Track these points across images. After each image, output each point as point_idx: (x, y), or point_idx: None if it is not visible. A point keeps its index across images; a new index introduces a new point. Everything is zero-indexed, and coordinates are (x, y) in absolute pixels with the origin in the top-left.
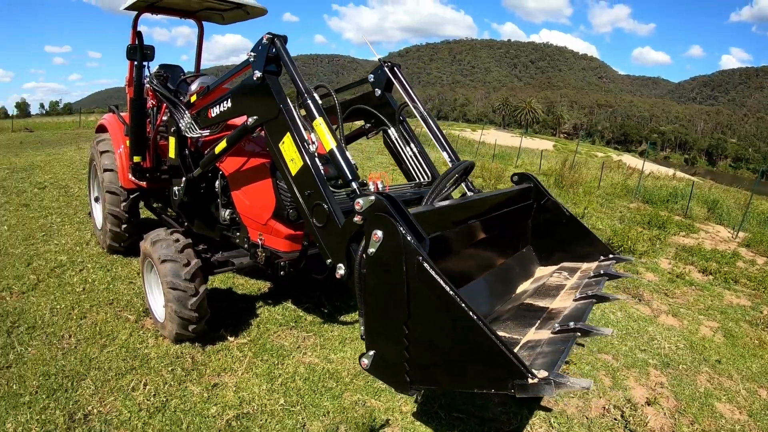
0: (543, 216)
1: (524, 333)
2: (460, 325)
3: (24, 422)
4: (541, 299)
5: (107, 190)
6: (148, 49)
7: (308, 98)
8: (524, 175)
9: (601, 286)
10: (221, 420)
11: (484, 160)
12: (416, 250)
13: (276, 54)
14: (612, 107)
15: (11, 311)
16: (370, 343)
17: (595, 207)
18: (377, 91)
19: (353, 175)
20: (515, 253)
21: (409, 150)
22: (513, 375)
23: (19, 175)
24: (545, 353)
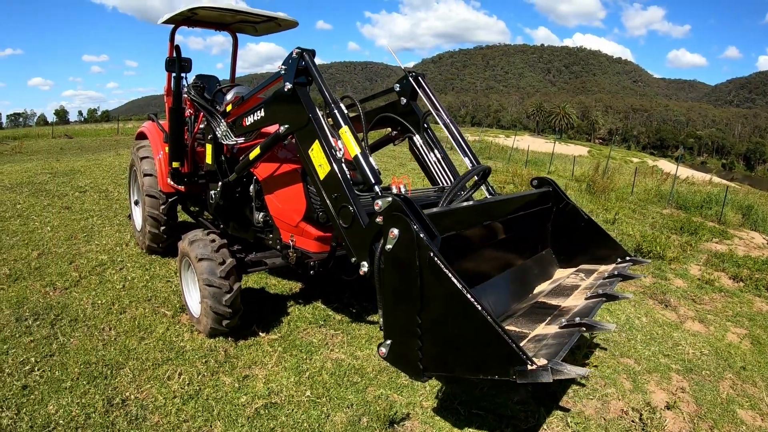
0: (562, 219)
1: (534, 328)
2: (467, 315)
3: (65, 405)
4: (555, 298)
5: (147, 194)
6: (186, 61)
7: (335, 108)
8: (543, 180)
9: (613, 286)
10: (250, 408)
11: (517, 166)
12: (428, 246)
13: (305, 67)
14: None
15: (54, 305)
16: (387, 333)
17: (627, 213)
18: (403, 100)
19: (376, 179)
20: (534, 255)
21: (433, 156)
22: (514, 362)
23: (60, 179)
24: (549, 345)
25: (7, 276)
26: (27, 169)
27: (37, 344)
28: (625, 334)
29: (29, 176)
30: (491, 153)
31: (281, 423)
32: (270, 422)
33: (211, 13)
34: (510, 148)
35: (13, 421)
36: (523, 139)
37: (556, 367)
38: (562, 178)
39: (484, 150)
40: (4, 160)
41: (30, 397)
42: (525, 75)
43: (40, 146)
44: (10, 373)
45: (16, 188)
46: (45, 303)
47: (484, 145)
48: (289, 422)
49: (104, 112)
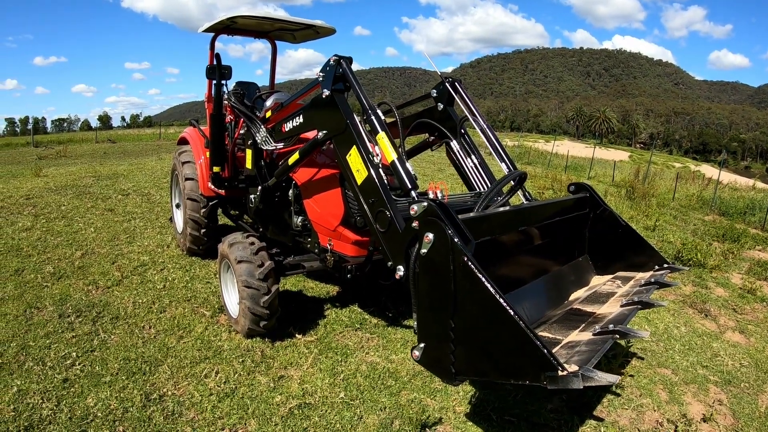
0: (599, 226)
1: (567, 334)
2: (499, 320)
3: (104, 398)
4: (590, 305)
5: (188, 197)
6: (226, 69)
7: (372, 114)
8: (580, 185)
9: (649, 294)
10: (284, 408)
11: (556, 172)
12: (462, 250)
13: (342, 73)
14: (689, 115)
15: (96, 303)
16: (421, 336)
17: (668, 219)
18: (440, 106)
19: (412, 185)
20: (570, 261)
21: (470, 161)
22: (545, 367)
23: (103, 183)
24: (582, 352)
25: (51, 274)
26: (71, 172)
27: (78, 340)
28: (663, 344)
29: (73, 179)
30: (530, 158)
31: (314, 423)
32: (303, 422)
33: (250, 22)
34: (549, 153)
35: (53, 412)
36: (562, 144)
37: (587, 373)
38: (602, 183)
39: (523, 155)
40: (50, 164)
41: (70, 390)
42: (564, 79)
43: (84, 150)
44: (51, 367)
45: (61, 190)
46: (87, 301)
47: (523, 150)
48: (322, 423)
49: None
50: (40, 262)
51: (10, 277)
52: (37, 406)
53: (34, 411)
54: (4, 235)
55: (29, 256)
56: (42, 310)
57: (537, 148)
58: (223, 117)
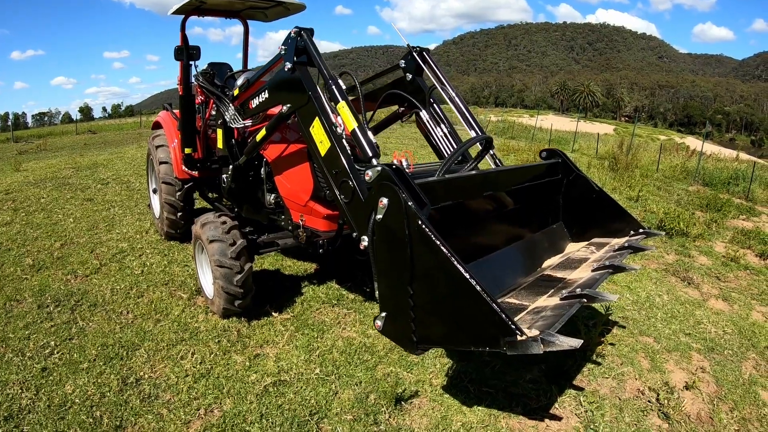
0: (573, 192)
1: (535, 300)
2: (456, 285)
3: (81, 385)
4: (561, 271)
5: (163, 181)
6: (194, 49)
7: (332, 84)
8: (552, 151)
9: (622, 258)
10: (260, 386)
11: (541, 145)
12: (416, 214)
13: (303, 46)
14: (674, 88)
15: (75, 291)
16: (382, 306)
17: (652, 190)
18: (408, 76)
19: (373, 153)
20: (544, 228)
21: (439, 131)
22: (504, 332)
23: (83, 173)
24: (547, 317)
25: (31, 266)
26: (51, 165)
27: (57, 329)
28: (645, 312)
29: (53, 172)
30: (514, 133)
31: (289, 400)
32: (278, 399)
33: (220, 1)
34: (533, 128)
35: (31, 401)
36: (547, 118)
37: (548, 338)
38: (585, 156)
39: (506, 130)
40: (30, 158)
41: (49, 378)
42: (548, 53)
43: (64, 143)
44: (31, 357)
45: (40, 183)
46: (66, 290)
47: (506, 125)
48: (296, 399)
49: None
50: (19, 255)
51: None
52: (16, 396)
53: (14, 401)
54: None
55: (9, 250)
56: (21, 302)
57: (521, 123)
58: (192, 98)
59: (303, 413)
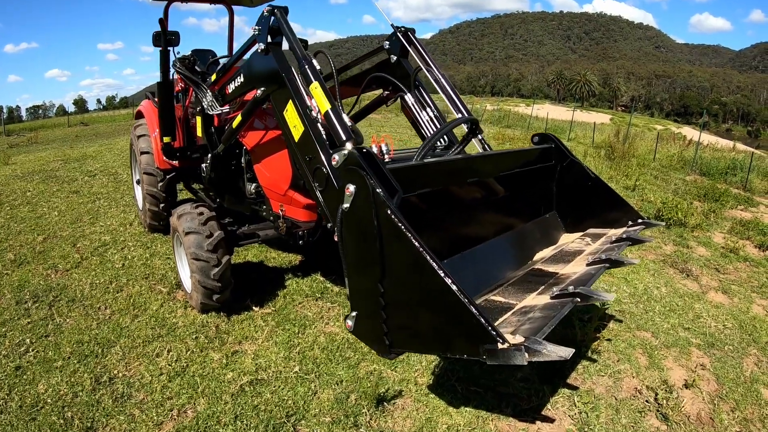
0: (567, 179)
1: (522, 298)
2: (430, 284)
3: (54, 384)
4: (554, 265)
5: (145, 172)
6: (173, 35)
7: (306, 64)
8: (545, 135)
9: (619, 251)
10: (236, 385)
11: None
12: (384, 202)
13: (277, 25)
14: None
15: (54, 287)
16: (353, 304)
17: (648, 179)
18: (392, 58)
19: (347, 136)
20: (536, 218)
21: (425, 115)
22: (483, 339)
23: (71, 165)
24: (535, 319)
25: (12, 261)
26: (40, 158)
27: (33, 326)
28: (642, 305)
29: (41, 164)
30: (510, 122)
31: (265, 400)
32: (254, 399)
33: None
34: (529, 116)
35: (4, 401)
36: (543, 107)
37: (534, 346)
38: (582, 145)
39: (502, 119)
40: (20, 151)
41: (22, 377)
42: (545, 43)
43: (56, 135)
44: (6, 355)
45: (27, 176)
46: (45, 285)
47: (502, 114)
48: (273, 399)
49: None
50: (1, 250)
51: None
52: None
53: None
54: None
55: None
56: (0, 299)
57: (517, 112)
58: (170, 85)
59: (279, 415)
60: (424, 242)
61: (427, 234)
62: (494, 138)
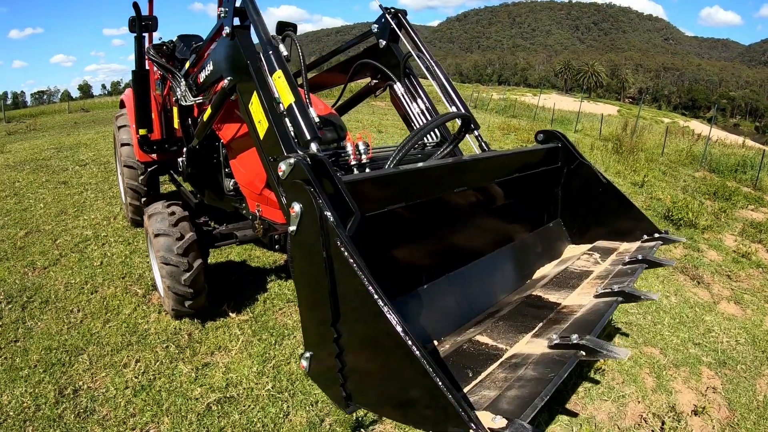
0: (575, 183)
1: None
2: (387, 342)
3: (18, 395)
4: (556, 291)
5: (125, 164)
6: (150, 20)
7: (270, 50)
8: (551, 133)
9: (634, 278)
10: (202, 403)
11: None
12: (334, 229)
13: (242, 6)
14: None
15: (29, 286)
16: (306, 343)
17: (657, 175)
18: (381, 43)
19: (311, 134)
20: (538, 228)
21: (415, 106)
22: (453, 421)
23: (63, 154)
24: (526, 381)
25: None
26: (35, 146)
27: (4, 330)
28: (651, 317)
29: (34, 153)
30: (516, 111)
31: (232, 422)
32: (221, 420)
33: None
34: (535, 107)
35: None
36: (550, 97)
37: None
38: (589, 137)
39: (508, 108)
40: (18, 139)
41: None
42: (552, 32)
43: (55, 122)
44: None
45: (19, 166)
46: (21, 285)
47: (508, 104)
48: (241, 421)
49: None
50: None
51: None
52: None
53: None
54: None
55: None
56: None
57: (523, 102)
58: (146, 73)
59: None
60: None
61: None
62: (499, 128)
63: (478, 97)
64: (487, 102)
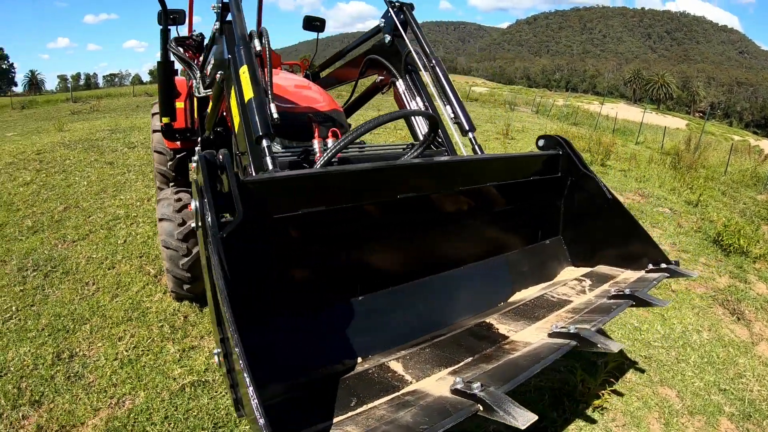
0: (579, 197)
1: (425, 375)
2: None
3: (22, 354)
4: (512, 321)
5: (155, 150)
6: (177, 13)
7: (241, 44)
8: (552, 138)
9: (605, 319)
10: (178, 383)
11: (602, 134)
12: (207, 230)
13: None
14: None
15: (56, 257)
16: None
17: (715, 195)
18: (387, 38)
19: (264, 131)
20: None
21: (414, 104)
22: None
23: (116, 136)
24: (397, 425)
25: (29, 228)
26: (92, 126)
27: (25, 294)
28: (675, 352)
29: (90, 133)
30: (577, 119)
31: (199, 405)
32: (190, 402)
33: None
34: (598, 114)
35: None
36: (617, 107)
37: None
38: (650, 149)
39: (570, 115)
40: (79, 119)
41: None
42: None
43: (118, 104)
44: None
45: (72, 145)
46: (48, 255)
47: (571, 110)
48: (208, 406)
49: None
50: (24, 216)
51: None
52: None
53: None
54: (3, 190)
55: (17, 210)
56: (7, 264)
57: (587, 110)
58: (170, 64)
59: (207, 423)
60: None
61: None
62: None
63: (540, 102)
64: (549, 108)
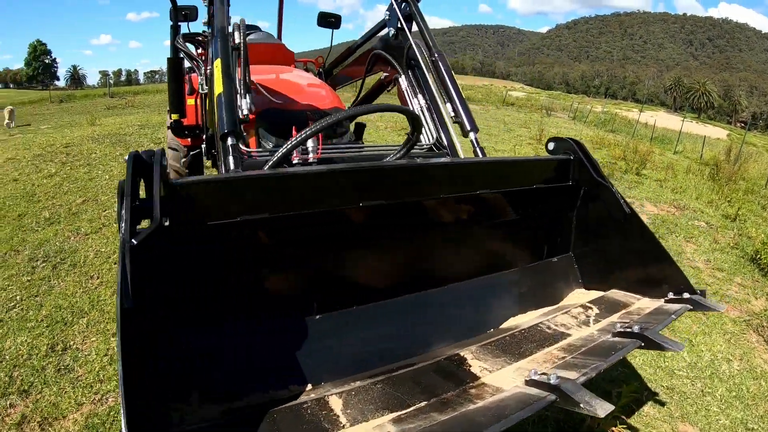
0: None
1: (365, 418)
2: None
3: (19, 343)
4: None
5: (168, 146)
6: (189, 9)
7: (218, 38)
8: (564, 141)
9: (600, 366)
10: None
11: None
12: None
13: None
14: None
15: (66, 249)
16: None
17: (754, 209)
18: (391, 32)
19: (230, 127)
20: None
21: (416, 102)
22: None
23: (144, 131)
24: None
25: (46, 219)
26: (123, 121)
27: (31, 284)
28: (701, 384)
29: (119, 128)
30: (615, 126)
31: None
32: None
33: None
34: (636, 122)
35: None
36: (657, 115)
37: None
38: (688, 159)
39: (608, 122)
40: (113, 114)
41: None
42: (665, 46)
43: (153, 101)
44: None
45: (101, 139)
46: (60, 247)
47: (608, 117)
48: None
49: None
50: (43, 208)
51: (11, 221)
52: None
53: None
54: (27, 181)
55: (38, 201)
56: (20, 253)
57: (625, 117)
58: (179, 61)
59: None
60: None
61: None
62: (591, 141)
63: (577, 108)
64: (586, 114)
